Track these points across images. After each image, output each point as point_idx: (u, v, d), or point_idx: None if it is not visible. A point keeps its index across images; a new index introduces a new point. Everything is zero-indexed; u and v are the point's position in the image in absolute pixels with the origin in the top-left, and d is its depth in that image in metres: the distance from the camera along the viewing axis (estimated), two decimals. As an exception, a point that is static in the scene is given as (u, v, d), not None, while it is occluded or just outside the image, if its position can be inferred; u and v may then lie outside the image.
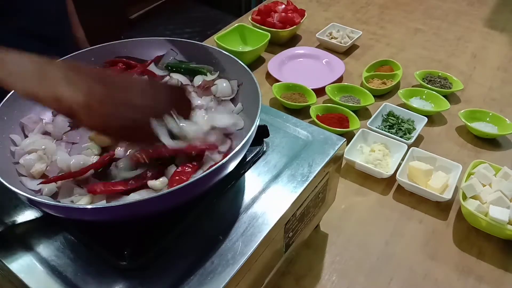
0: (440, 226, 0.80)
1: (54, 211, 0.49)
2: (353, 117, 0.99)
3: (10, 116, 0.61)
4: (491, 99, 1.12)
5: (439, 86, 1.12)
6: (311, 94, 1.06)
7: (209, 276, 0.49)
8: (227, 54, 0.70)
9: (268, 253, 0.57)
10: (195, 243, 0.53)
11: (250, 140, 0.55)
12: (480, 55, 1.29)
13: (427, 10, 1.52)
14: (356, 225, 0.80)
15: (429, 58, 1.27)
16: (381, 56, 1.26)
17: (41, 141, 0.60)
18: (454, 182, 0.84)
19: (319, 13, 1.49)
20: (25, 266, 0.50)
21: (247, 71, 0.65)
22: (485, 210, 0.76)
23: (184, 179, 0.53)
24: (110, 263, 0.50)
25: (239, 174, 0.61)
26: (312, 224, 0.70)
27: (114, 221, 0.52)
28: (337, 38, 1.29)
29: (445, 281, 0.72)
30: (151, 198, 0.47)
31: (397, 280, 0.72)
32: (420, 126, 0.98)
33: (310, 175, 0.61)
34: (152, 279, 0.49)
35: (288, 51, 1.25)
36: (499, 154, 0.96)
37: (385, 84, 1.13)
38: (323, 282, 0.72)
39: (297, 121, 0.71)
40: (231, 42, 1.24)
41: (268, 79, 1.17)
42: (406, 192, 0.86)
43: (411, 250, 0.76)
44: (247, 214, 0.56)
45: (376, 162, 0.88)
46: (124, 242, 0.51)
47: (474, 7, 1.54)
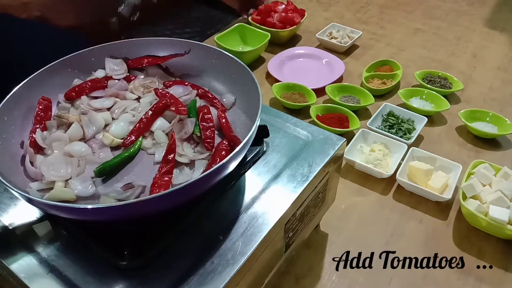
0: (440, 226, 0.80)
1: (54, 211, 0.49)
2: (353, 117, 0.99)
3: (10, 116, 0.61)
4: (491, 99, 1.12)
5: (439, 86, 1.12)
6: (311, 94, 1.06)
7: (209, 276, 0.49)
8: (227, 54, 0.70)
9: (268, 253, 0.57)
10: (195, 243, 0.53)
11: (251, 140, 0.55)
12: (480, 55, 1.29)
13: (427, 10, 1.52)
14: (356, 225, 0.80)
15: (429, 58, 1.27)
16: (381, 56, 1.26)
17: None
18: (454, 182, 0.84)
19: (319, 13, 1.49)
20: (25, 266, 0.50)
21: (247, 71, 0.65)
22: (485, 210, 0.76)
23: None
24: (110, 263, 0.50)
25: (239, 174, 0.61)
26: (312, 224, 0.70)
27: (114, 221, 0.52)
28: (337, 38, 1.29)
29: (445, 281, 0.72)
30: (151, 198, 0.47)
31: (397, 280, 0.72)
32: (420, 126, 0.98)
33: (310, 175, 0.61)
34: (152, 279, 0.49)
35: (288, 51, 1.25)
36: (499, 154, 0.96)
37: (385, 84, 1.13)
38: (323, 282, 0.72)
39: (297, 121, 0.71)
40: (231, 42, 1.24)
41: (268, 79, 1.17)
42: (406, 192, 0.86)
43: (411, 250, 0.76)
44: (247, 214, 0.56)
45: (376, 162, 0.88)
46: (124, 242, 0.51)
47: (474, 7, 1.54)
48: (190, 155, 0.60)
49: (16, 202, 0.58)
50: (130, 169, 0.59)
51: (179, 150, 0.60)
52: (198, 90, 0.70)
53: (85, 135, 0.63)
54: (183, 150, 0.61)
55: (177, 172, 0.58)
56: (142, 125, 0.63)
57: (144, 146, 0.62)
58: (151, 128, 0.63)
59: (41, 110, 0.64)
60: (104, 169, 0.57)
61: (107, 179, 0.58)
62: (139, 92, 0.70)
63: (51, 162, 0.57)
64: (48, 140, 0.61)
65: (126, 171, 0.59)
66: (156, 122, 0.64)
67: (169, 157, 0.58)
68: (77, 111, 0.66)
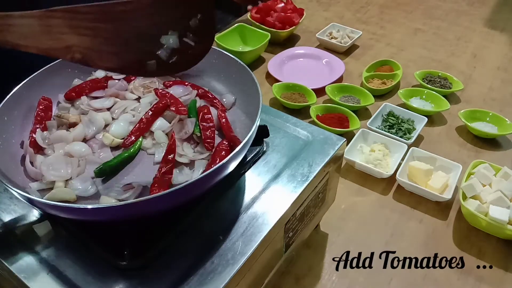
0: (440, 226, 0.80)
1: (54, 211, 0.49)
2: (353, 117, 0.99)
3: (10, 116, 0.61)
4: (491, 99, 1.12)
5: (439, 86, 1.12)
6: (311, 94, 1.06)
7: (209, 276, 0.49)
8: (227, 54, 0.70)
9: (268, 253, 0.57)
10: (195, 243, 0.53)
11: (251, 140, 0.55)
12: (480, 55, 1.29)
13: (427, 10, 1.52)
14: (356, 225, 0.80)
15: (429, 58, 1.27)
16: (381, 56, 1.26)
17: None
18: (454, 182, 0.84)
19: (319, 13, 1.49)
20: (25, 266, 0.50)
21: (247, 71, 0.65)
22: (485, 210, 0.76)
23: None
24: (110, 263, 0.50)
25: (239, 174, 0.61)
26: (312, 224, 0.70)
27: (114, 221, 0.52)
28: (337, 38, 1.29)
29: (445, 281, 0.72)
30: (151, 198, 0.47)
31: (397, 280, 0.72)
32: (420, 126, 0.98)
33: (310, 175, 0.61)
34: (152, 279, 0.49)
35: (288, 51, 1.25)
36: (499, 154, 0.96)
37: (385, 84, 1.13)
38: (323, 282, 0.72)
39: (297, 121, 0.71)
40: (231, 42, 1.24)
41: (268, 79, 1.17)
42: (406, 192, 0.86)
43: (411, 250, 0.76)
44: (247, 214, 0.56)
45: (376, 162, 0.88)
46: (124, 242, 0.51)
47: (474, 7, 1.54)
48: (190, 155, 0.60)
49: (16, 202, 0.57)
50: (130, 169, 0.59)
51: (179, 150, 0.60)
52: (198, 90, 0.70)
53: (85, 135, 0.63)
54: (183, 150, 0.61)
55: (177, 172, 0.58)
56: (142, 125, 0.63)
57: (144, 146, 0.62)
58: (151, 128, 0.63)
59: (41, 110, 0.64)
60: (104, 169, 0.57)
61: (107, 179, 0.58)
62: (139, 92, 0.70)
63: (51, 162, 0.57)
64: (51, 139, 0.61)
65: (126, 171, 0.59)
66: (156, 122, 0.64)
67: (169, 157, 0.58)
68: (77, 111, 0.67)
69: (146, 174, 0.58)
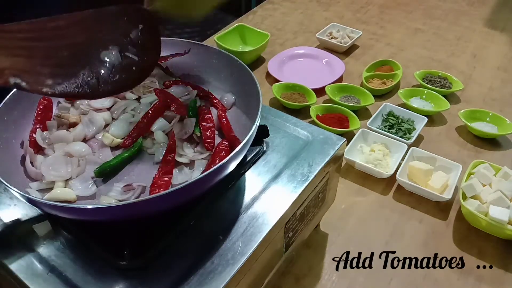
0: (440, 226, 0.80)
1: (54, 211, 0.49)
2: (353, 117, 0.99)
3: (10, 116, 0.61)
4: (491, 99, 1.12)
5: (439, 86, 1.12)
6: (311, 94, 1.06)
7: (209, 276, 0.49)
8: (227, 54, 0.70)
9: (268, 253, 0.57)
10: (195, 243, 0.53)
11: (251, 140, 0.55)
12: (480, 55, 1.29)
13: (427, 10, 1.52)
14: (356, 225, 0.80)
15: (429, 58, 1.27)
16: (381, 56, 1.26)
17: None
18: (454, 182, 0.84)
19: (319, 13, 1.49)
20: (25, 266, 0.50)
21: (247, 71, 0.65)
22: (485, 210, 0.76)
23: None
24: (110, 263, 0.50)
25: (239, 174, 0.61)
26: (312, 224, 0.70)
27: (114, 221, 0.52)
28: (337, 38, 1.29)
29: (445, 281, 0.72)
30: (151, 198, 0.47)
31: (397, 280, 0.72)
32: (420, 126, 0.98)
33: (310, 175, 0.61)
34: (152, 279, 0.49)
35: (288, 51, 1.25)
36: (499, 154, 0.96)
37: (385, 84, 1.13)
38: (323, 282, 0.72)
39: (297, 121, 0.71)
40: (231, 42, 1.24)
41: (268, 79, 1.17)
42: (406, 192, 0.86)
43: (411, 250, 0.76)
44: (247, 214, 0.56)
45: (376, 162, 0.88)
46: (124, 242, 0.51)
47: (474, 7, 1.54)
48: (190, 155, 0.60)
49: (16, 202, 0.58)
50: (130, 169, 0.59)
51: (179, 150, 0.60)
52: (198, 90, 0.70)
53: (85, 135, 0.63)
54: (183, 150, 0.61)
55: (177, 172, 0.58)
56: (142, 125, 0.63)
57: (144, 146, 0.62)
58: (151, 128, 0.63)
59: (41, 110, 0.64)
60: (104, 169, 0.57)
61: (107, 179, 0.58)
62: (139, 92, 0.70)
63: (51, 162, 0.57)
64: (51, 139, 0.61)
65: (126, 171, 0.59)
66: (156, 122, 0.64)
67: (169, 157, 0.58)
68: (77, 111, 0.67)
69: (146, 174, 0.58)
